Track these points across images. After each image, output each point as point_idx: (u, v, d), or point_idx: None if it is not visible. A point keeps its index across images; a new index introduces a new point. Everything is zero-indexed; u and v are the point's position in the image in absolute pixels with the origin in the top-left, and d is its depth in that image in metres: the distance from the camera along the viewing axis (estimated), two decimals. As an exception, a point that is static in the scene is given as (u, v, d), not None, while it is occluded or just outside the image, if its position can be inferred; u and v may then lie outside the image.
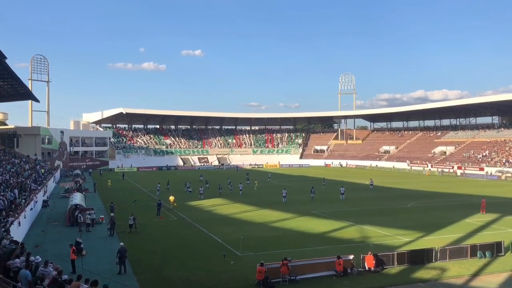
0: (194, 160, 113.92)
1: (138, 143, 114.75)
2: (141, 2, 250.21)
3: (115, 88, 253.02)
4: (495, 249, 23.88)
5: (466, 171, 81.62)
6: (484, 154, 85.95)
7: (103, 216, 34.98)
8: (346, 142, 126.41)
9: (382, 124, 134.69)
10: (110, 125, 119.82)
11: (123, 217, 33.45)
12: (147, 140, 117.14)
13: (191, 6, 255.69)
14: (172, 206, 40.05)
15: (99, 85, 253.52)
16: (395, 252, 22.37)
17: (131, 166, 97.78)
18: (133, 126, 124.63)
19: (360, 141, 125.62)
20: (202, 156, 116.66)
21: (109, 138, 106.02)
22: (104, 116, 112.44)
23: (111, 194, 52.73)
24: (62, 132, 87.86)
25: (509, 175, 73.61)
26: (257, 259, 21.14)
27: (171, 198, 40.95)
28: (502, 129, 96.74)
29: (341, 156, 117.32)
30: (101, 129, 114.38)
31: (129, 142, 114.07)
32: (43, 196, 44.32)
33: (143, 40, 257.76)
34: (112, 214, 32.11)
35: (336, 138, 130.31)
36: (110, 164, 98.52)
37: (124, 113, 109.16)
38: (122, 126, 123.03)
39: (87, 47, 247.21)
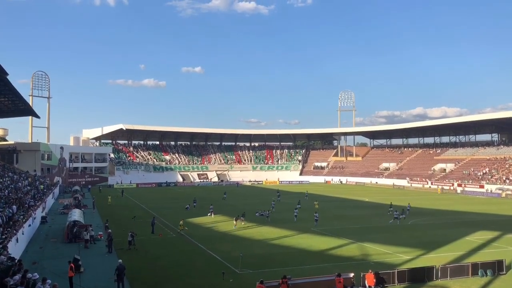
0: (194, 176, 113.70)
1: (138, 159, 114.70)
2: (141, 19, 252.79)
3: (115, 104, 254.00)
4: (496, 268, 23.70)
5: (466, 189, 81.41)
6: (484, 171, 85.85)
7: (101, 233, 34.75)
8: (346, 159, 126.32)
9: (382, 141, 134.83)
10: (110, 141, 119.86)
11: (122, 233, 33.25)
12: (146, 156, 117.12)
13: (191, 23, 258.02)
14: (182, 229, 36.49)
15: (99, 101, 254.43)
16: (396, 270, 22.17)
17: (130, 183, 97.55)
18: (133, 142, 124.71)
19: (360, 158, 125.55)
20: (201, 172, 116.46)
21: (109, 154, 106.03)
22: (104, 132, 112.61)
23: (110, 210, 52.58)
24: (61, 148, 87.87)
25: (510, 192, 73.38)
26: (257, 277, 20.95)
27: (181, 224, 37.18)
28: (502, 146, 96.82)
29: (341, 172, 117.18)
30: (101, 145, 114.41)
31: (129, 158, 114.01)
32: (42, 212, 44.11)
33: (143, 57, 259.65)
34: (109, 230, 31.92)
35: (336, 154, 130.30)
36: (109, 180, 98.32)
37: (124, 129, 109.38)
38: (122, 142, 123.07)
39: (88, 64, 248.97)
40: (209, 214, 46.98)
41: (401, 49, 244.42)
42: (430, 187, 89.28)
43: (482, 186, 79.70)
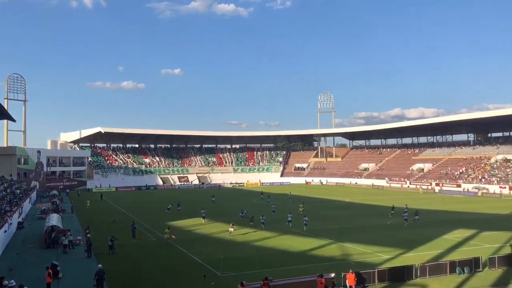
0: (174, 179, 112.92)
1: (117, 162, 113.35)
2: (119, 21, 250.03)
3: (93, 107, 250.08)
4: (473, 265, 24.17)
5: (444, 188, 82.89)
6: (460, 171, 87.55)
7: (80, 238, 34.23)
8: (326, 160, 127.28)
9: (361, 142, 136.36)
10: (88, 145, 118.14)
11: (101, 238, 32.83)
12: (126, 160, 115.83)
13: (170, 25, 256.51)
14: (169, 238, 33.87)
15: (77, 104, 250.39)
16: (376, 270, 22.43)
17: (110, 186, 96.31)
18: (112, 145, 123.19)
19: (339, 159, 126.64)
20: (182, 175, 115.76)
21: (87, 158, 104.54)
22: (83, 136, 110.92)
23: (89, 214, 51.87)
24: (39, 152, 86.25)
25: (485, 191, 75.03)
26: (238, 279, 20.91)
27: (167, 232, 34.49)
28: (477, 146, 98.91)
29: (321, 173, 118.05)
30: (80, 149, 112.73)
31: (108, 161, 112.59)
32: (18, 217, 43.22)
33: (122, 59, 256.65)
34: (88, 235, 31.43)
35: (316, 155, 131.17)
36: (88, 184, 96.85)
37: (103, 132, 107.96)
38: (100, 145, 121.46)
39: (65, 66, 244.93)
40: (202, 220, 44.96)
41: (379, 51, 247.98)
42: (408, 186, 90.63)
43: (459, 185, 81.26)
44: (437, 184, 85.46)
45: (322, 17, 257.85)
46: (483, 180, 79.65)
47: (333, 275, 21.49)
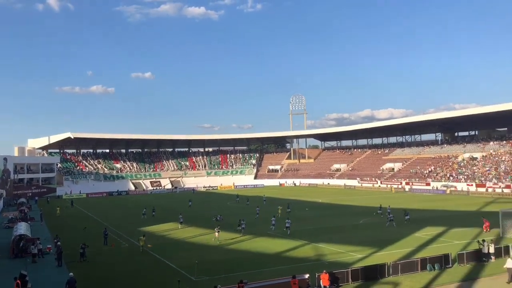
0: (146, 184, 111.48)
1: (87, 168, 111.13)
2: (88, 25, 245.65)
3: (62, 112, 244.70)
4: (443, 262, 24.77)
5: (414, 187, 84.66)
6: (429, 169, 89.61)
7: (50, 246, 33.38)
8: (299, 161, 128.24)
9: (333, 143, 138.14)
10: (57, 151, 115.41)
11: (72, 246, 32.11)
12: (96, 165, 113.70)
13: (140, 28, 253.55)
14: (144, 245, 32.38)
15: (45, 109, 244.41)
16: (350, 269, 22.71)
17: (80, 193, 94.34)
18: (82, 151, 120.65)
19: (312, 160, 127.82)
20: (154, 179, 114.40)
21: (57, 164, 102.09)
22: (51, 142, 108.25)
23: (60, 222, 50.72)
24: (5, 159, 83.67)
25: (454, 189, 77.03)
26: (213, 283, 20.84)
27: (142, 239, 32.93)
28: (445, 145, 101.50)
29: (294, 175, 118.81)
30: (48, 155, 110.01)
31: (78, 167, 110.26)
32: (-16, 227, 41.82)
33: (91, 63, 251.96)
34: (58, 243, 30.67)
35: (289, 157, 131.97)
36: (58, 191, 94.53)
37: (72, 137, 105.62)
38: (70, 151, 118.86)
39: (32, 71, 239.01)
40: (179, 226, 43.88)
41: (349, 53, 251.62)
42: (379, 186, 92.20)
43: (428, 184, 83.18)
44: (407, 183, 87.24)
45: (292, 20, 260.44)
46: (451, 178, 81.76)
47: (307, 276, 21.63)
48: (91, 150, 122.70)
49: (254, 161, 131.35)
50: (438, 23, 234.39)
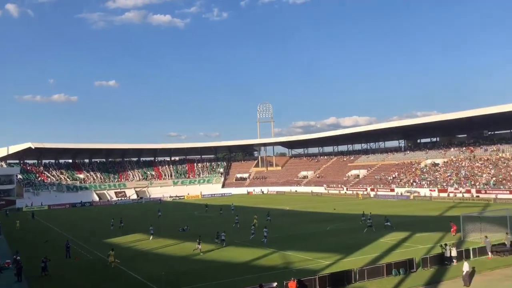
0: (111, 194, 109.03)
1: (49, 179, 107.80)
2: (48, 31, 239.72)
3: (22, 121, 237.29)
4: (408, 266, 25.25)
5: (379, 193, 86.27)
6: (393, 175, 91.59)
7: (9, 261, 32.02)
8: (267, 169, 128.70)
9: (300, 151, 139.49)
10: (17, 161, 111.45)
11: (33, 260, 30.96)
12: (59, 176, 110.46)
13: (103, 35, 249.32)
14: (113, 262, 30.08)
15: (4, 119, 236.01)
16: (317, 276, 22.81)
17: (42, 204, 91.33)
18: (43, 161, 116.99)
19: (279, 168, 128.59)
20: (119, 190, 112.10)
21: (16, 175, 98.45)
22: (10, 152, 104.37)
23: (19, 235, 48.89)
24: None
25: (417, 194, 78.94)
26: (180, 294, 20.50)
27: (111, 254, 30.62)
28: (408, 151, 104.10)
29: (262, 183, 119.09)
30: (7, 166, 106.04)
31: (39, 178, 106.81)
32: None
33: (52, 71, 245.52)
34: (18, 257, 29.45)
35: (257, 165, 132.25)
36: (17, 203, 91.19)
37: (33, 148, 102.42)
38: (31, 161, 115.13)
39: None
40: (151, 237, 42.18)
41: (313, 61, 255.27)
42: (345, 192, 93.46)
43: (392, 190, 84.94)
44: (372, 189, 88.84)
45: (258, 29, 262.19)
46: (414, 184, 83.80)
47: (275, 284, 21.62)
48: (53, 160, 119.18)
49: (221, 170, 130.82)
50: (399, 31, 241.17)
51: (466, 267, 22.47)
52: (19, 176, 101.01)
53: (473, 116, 79.47)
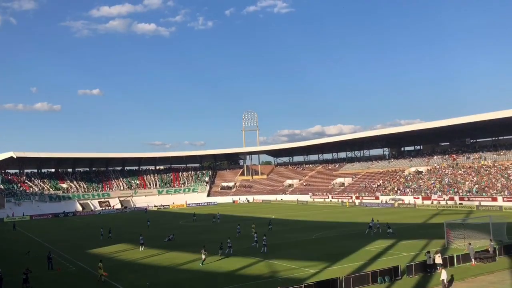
0: (95, 204, 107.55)
1: (32, 189, 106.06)
2: (31, 40, 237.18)
3: (4, 131, 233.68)
4: (393, 274, 25.37)
5: (364, 201, 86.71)
6: (378, 183, 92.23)
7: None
8: (252, 178, 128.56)
9: (285, 159, 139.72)
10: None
11: (14, 272, 30.31)
12: (41, 185, 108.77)
13: (87, 44, 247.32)
14: (101, 276, 28.47)
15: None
16: (303, 285, 22.74)
17: (23, 215, 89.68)
18: (26, 171, 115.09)
19: (265, 176, 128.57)
20: (103, 199, 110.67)
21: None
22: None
23: (0, 247, 47.88)
24: None
25: (401, 202, 79.58)
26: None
27: (100, 266, 28.84)
28: (392, 159, 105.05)
29: (248, 191, 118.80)
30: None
31: (21, 188, 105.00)
32: None
33: (35, 79, 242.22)
34: (-1, 270, 28.86)
35: (242, 174, 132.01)
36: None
37: (15, 157, 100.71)
38: (12, 171, 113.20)
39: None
40: (141, 248, 41.01)
41: (297, 69, 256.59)
42: (331, 201, 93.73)
43: (377, 198, 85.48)
44: (357, 197, 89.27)
45: (243, 37, 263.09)
46: (398, 191, 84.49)
47: (261, 293, 21.49)
48: (36, 170, 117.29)
49: (207, 179, 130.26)
50: (384, 43, 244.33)
51: (444, 275, 22.75)
52: (0, 186, 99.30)
53: (456, 124, 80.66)
